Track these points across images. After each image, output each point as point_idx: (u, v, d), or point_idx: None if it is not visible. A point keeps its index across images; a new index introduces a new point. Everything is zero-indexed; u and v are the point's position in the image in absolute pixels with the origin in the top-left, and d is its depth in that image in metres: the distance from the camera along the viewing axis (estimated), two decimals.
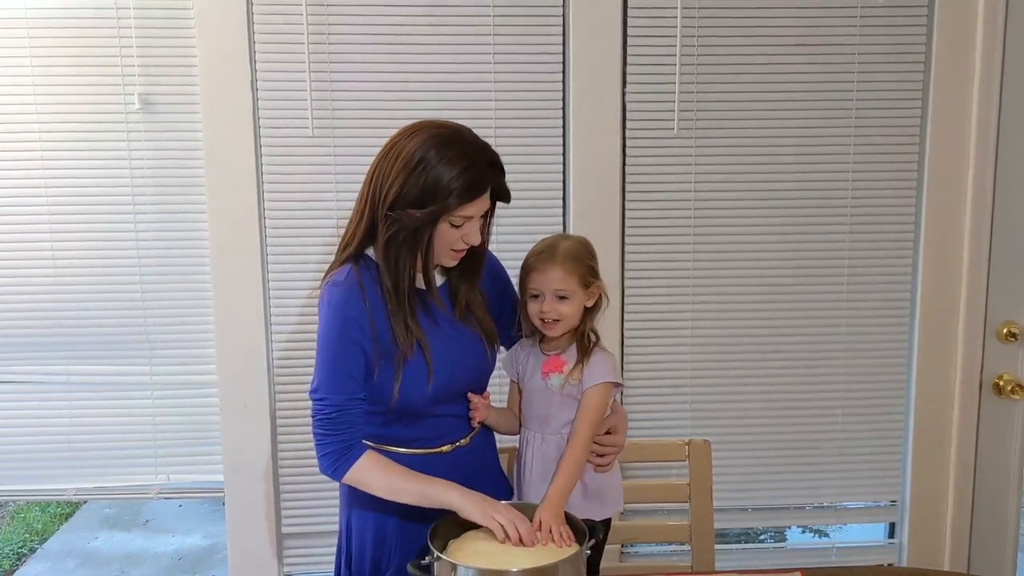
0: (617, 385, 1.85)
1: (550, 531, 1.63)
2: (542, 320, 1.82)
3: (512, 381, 1.94)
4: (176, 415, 2.46)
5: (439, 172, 1.61)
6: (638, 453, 2.14)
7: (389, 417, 1.74)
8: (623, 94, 2.40)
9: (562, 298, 1.79)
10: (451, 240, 1.68)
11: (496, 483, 1.88)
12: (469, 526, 1.62)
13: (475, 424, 1.85)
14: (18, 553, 4.47)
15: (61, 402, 2.44)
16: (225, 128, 2.33)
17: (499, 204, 1.78)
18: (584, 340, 1.85)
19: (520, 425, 1.93)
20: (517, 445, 1.97)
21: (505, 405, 1.93)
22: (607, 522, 1.90)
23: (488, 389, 1.89)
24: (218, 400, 2.43)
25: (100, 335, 2.42)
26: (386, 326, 1.68)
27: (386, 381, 1.69)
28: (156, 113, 2.34)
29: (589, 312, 1.85)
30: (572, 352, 1.85)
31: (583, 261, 1.82)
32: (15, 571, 4.29)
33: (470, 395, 1.83)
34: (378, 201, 1.65)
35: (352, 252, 1.72)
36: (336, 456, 1.66)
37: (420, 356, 1.70)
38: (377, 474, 1.67)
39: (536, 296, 1.81)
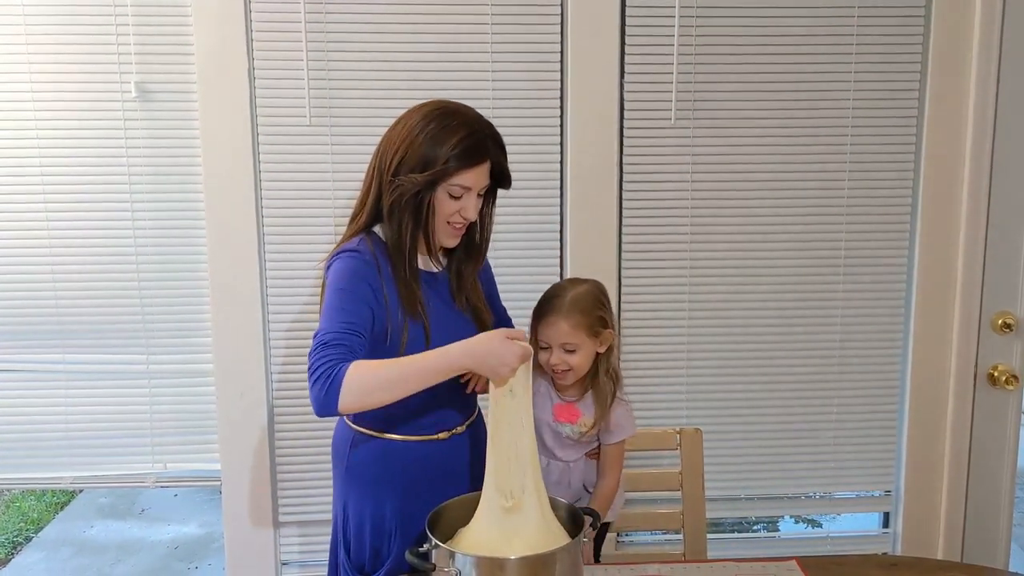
0: None
1: None
2: (553, 370, 1.84)
3: None
4: (173, 404, 2.46)
5: (441, 138, 1.68)
6: (630, 441, 2.14)
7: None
8: (621, 84, 2.40)
9: (570, 351, 1.82)
10: (449, 212, 1.72)
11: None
12: (469, 513, 1.62)
13: (476, 389, 1.87)
14: (13, 542, 4.47)
15: (58, 391, 2.43)
16: (222, 116, 2.32)
17: (500, 194, 1.82)
18: (600, 390, 1.87)
19: None
20: None
21: None
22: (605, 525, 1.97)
23: None
24: (215, 389, 2.43)
25: (97, 324, 2.41)
26: (396, 301, 1.71)
27: (391, 353, 1.70)
28: (153, 101, 2.34)
29: (602, 356, 1.86)
30: (587, 402, 1.88)
31: (590, 313, 1.82)
32: (10, 560, 4.29)
33: None
34: (384, 169, 1.71)
35: (361, 224, 1.76)
36: (324, 380, 1.55)
37: (420, 327, 1.72)
38: (371, 375, 1.57)
39: (545, 348, 1.82)
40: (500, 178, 1.78)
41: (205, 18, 2.29)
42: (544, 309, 1.84)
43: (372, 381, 1.57)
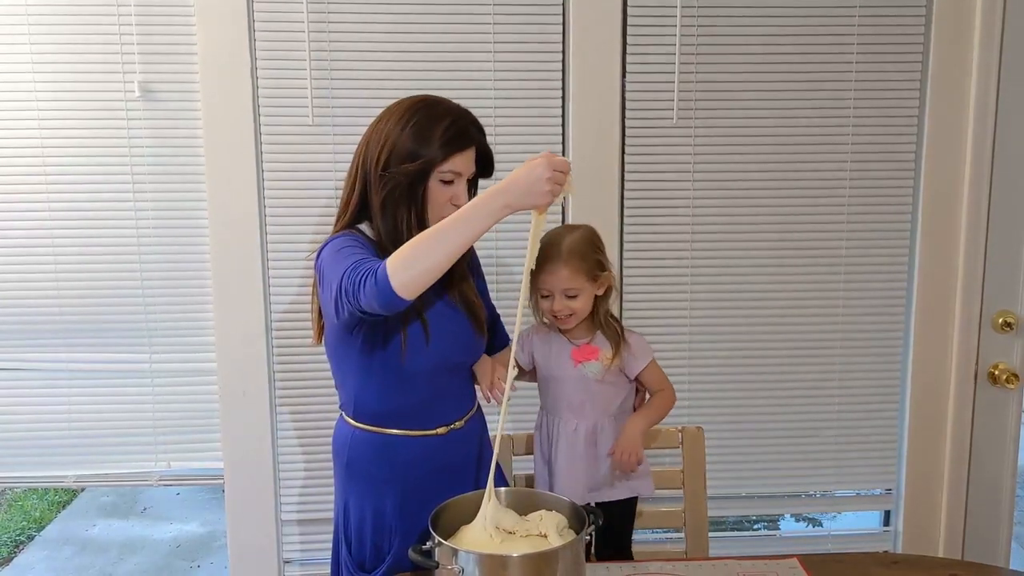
0: None
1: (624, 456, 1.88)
2: (555, 317, 1.88)
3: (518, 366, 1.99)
4: (176, 403, 2.47)
5: (428, 127, 1.71)
6: None
7: (390, 389, 1.76)
8: (622, 84, 2.41)
9: (571, 296, 1.87)
10: (442, 200, 1.74)
11: (487, 465, 1.90)
12: (472, 511, 1.63)
13: (493, 398, 1.91)
14: (16, 541, 4.48)
15: (61, 390, 2.44)
16: (225, 116, 2.33)
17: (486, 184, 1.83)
18: (609, 326, 1.94)
19: (543, 413, 1.99)
20: (534, 434, 2.01)
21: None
22: (634, 501, 2.03)
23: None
24: (217, 387, 2.44)
25: (100, 323, 2.42)
26: None
27: (394, 346, 1.72)
28: (156, 101, 2.34)
29: (601, 299, 1.92)
30: (600, 339, 1.94)
31: (588, 257, 1.88)
32: (13, 559, 4.30)
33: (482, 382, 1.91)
34: (370, 164, 1.74)
35: (346, 222, 1.78)
36: (369, 278, 1.52)
37: (419, 323, 1.74)
38: (409, 247, 1.53)
39: (547, 296, 1.85)
40: (484, 163, 1.82)
41: (208, 18, 2.29)
42: (542, 258, 1.85)
43: (412, 249, 1.52)
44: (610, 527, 1.99)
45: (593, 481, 1.95)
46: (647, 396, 2.04)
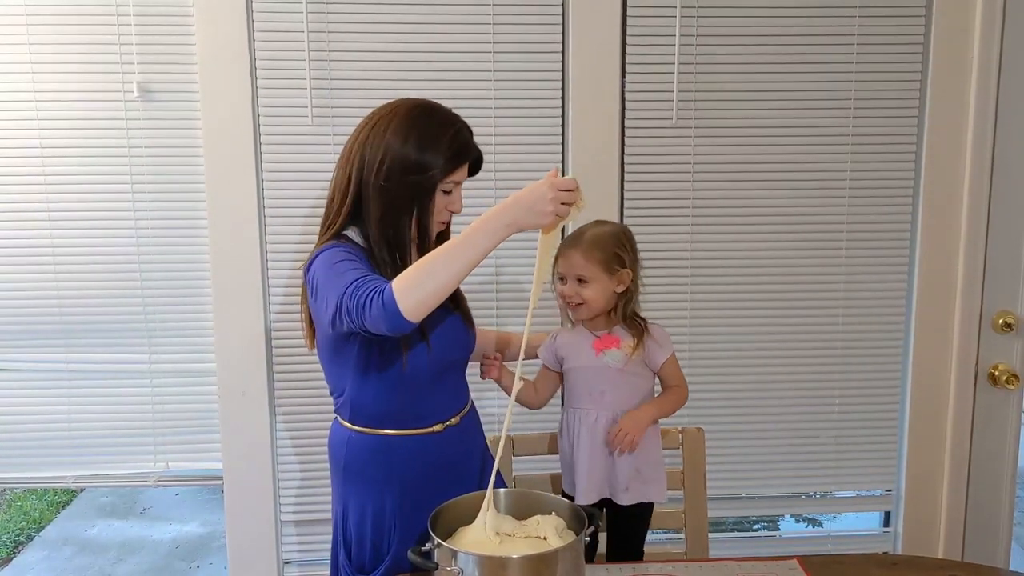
0: None
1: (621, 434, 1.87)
2: (567, 302, 1.91)
3: (545, 368, 2.02)
4: (175, 403, 2.46)
5: (431, 139, 1.69)
6: None
7: (392, 393, 1.76)
8: (622, 84, 2.40)
9: (583, 282, 1.88)
10: (441, 207, 1.75)
11: (485, 459, 1.93)
12: (471, 512, 1.62)
13: (485, 377, 1.95)
14: (15, 541, 4.48)
15: (60, 390, 2.44)
16: (224, 117, 2.33)
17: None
18: (633, 321, 1.95)
19: (563, 406, 2.02)
20: (557, 431, 2.03)
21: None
22: (647, 508, 2.02)
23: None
24: (217, 388, 2.44)
25: (99, 323, 2.41)
26: None
27: (393, 352, 1.72)
28: (155, 102, 2.34)
29: (622, 297, 1.93)
30: (621, 331, 1.95)
31: (606, 249, 1.89)
32: (12, 559, 4.30)
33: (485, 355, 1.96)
34: (368, 174, 1.71)
35: (336, 230, 1.76)
36: (376, 298, 1.51)
37: (418, 330, 1.71)
38: (414, 269, 1.53)
39: (562, 279, 1.91)
40: (476, 166, 1.82)
41: (207, 17, 2.29)
42: (563, 244, 1.90)
43: (418, 272, 1.52)
44: (621, 530, 2.00)
45: (610, 477, 1.95)
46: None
